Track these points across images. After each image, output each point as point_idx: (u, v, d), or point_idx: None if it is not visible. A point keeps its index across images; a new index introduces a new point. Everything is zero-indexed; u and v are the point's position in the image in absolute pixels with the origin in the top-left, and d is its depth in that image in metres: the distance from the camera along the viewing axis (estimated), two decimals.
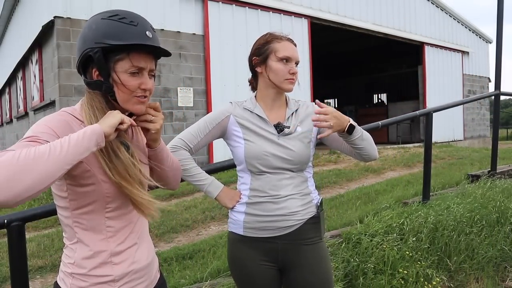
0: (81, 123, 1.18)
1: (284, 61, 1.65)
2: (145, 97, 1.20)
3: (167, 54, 1.23)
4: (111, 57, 1.15)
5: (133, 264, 1.23)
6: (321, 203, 1.75)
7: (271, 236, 1.67)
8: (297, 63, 1.70)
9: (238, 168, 1.74)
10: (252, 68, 1.75)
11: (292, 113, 1.72)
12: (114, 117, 1.11)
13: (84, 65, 1.19)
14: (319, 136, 1.66)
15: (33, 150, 0.94)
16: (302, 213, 1.67)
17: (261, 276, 1.70)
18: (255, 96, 1.75)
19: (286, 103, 1.75)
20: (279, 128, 1.67)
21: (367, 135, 1.70)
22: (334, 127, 1.55)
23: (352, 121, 1.62)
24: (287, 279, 1.71)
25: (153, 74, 1.23)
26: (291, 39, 1.71)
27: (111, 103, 1.21)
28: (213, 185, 1.74)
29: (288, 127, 1.67)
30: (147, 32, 1.17)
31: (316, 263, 1.68)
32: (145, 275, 1.27)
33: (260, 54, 1.70)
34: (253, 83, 1.79)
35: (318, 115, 1.55)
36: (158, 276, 1.37)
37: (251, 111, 1.70)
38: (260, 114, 1.69)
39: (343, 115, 1.61)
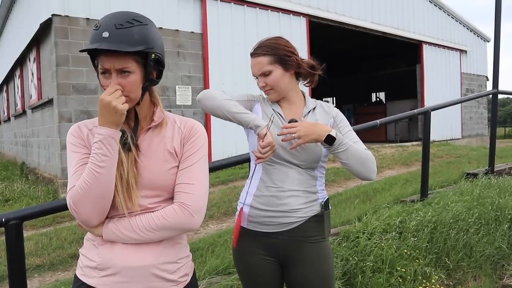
0: (95, 126, 1.29)
1: (256, 78, 1.74)
2: (126, 96, 1.22)
3: (123, 49, 1.19)
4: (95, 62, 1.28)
5: (116, 259, 1.23)
6: (326, 202, 1.75)
7: (273, 231, 1.70)
8: (265, 74, 1.69)
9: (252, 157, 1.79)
10: None
11: (309, 111, 1.75)
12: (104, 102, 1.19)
13: None
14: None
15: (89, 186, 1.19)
16: (304, 211, 1.68)
17: (262, 270, 1.72)
18: None
19: (305, 102, 1.79)
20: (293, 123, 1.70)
21: (360, 155, 1.63)
22: (303, 137, 1.57)
23: (334, 133, 1.59)
24: (288, 275, 1.73)
25: (125, 74, 1.22)
26: (254, 53, 1.72)
27: None
28: (259, 119, 1.62)
29: None
30: (103, 34, 1.19)
31: (317, 261, 1.69)
32: (135, 276, 1.23)
33: None
34: None
35: (283, 129, 1.60)
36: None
37: (270, 106, 1.76)
38: (277, 110, 1.74)
39: (319, 125, 1.60)
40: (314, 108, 1.77)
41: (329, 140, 1.58)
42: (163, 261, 1.28)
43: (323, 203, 1.74)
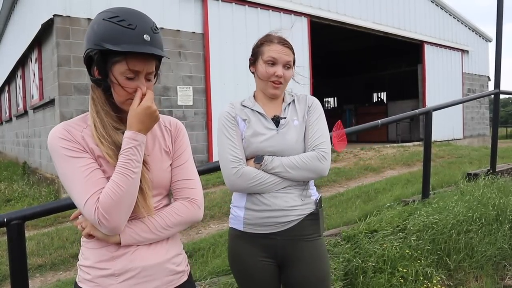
0: (84, 128, 1.25)
1: (270, 63, 1.69)
2: None
3: (166, 56, 1.24)
4: (109, 59, 1.19)
5: (134, 261, 1.23)
6: (319, 200, 1.77)
7: (270, 232, 1.69)
8: (288, 66, 1.71)
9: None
10: (249, 67, 1.82)
11: (289, 103, 1.77)
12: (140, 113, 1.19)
13: (88, 63, 1.24)
14: None
15: (119, 190, 1.16)
16: (301, 209, 1.69)
17: (260, 272, 1.72)
18: (254, 95, 1.81)
19: (283, 98, 1.80)
20: (276, 120, 1.72)
21: (295, 164, 1.64)
22: None
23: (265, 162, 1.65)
24: (286, 275, 1.73)
25: (150, 77, 1.25)
26: (283, 41, 1.72)
27: (110, 98, 1.26)
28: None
29: (284, 118, 1.72)
30: (144, 36, 1.16)
31: (314, 260, 1.70)
32: (154, 274, 1.25)
33: (253, 54, 1.78)
34: None
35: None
36: (179, 280, 1.34)
37: (250, 109, 1.75)
38: (259, 111, 1.74)
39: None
40: (293, 101, 1.79)
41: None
42: (172, 255, 1.32)
43: (317, 201, 1.75)
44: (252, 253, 1.71)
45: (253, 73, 1.81)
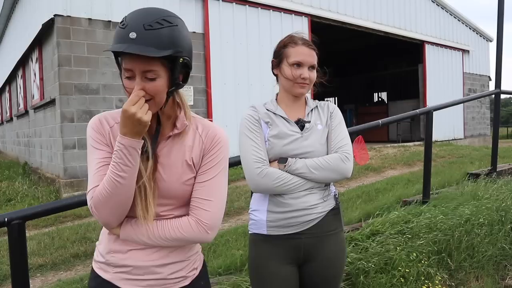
0: (116, 122, 1.26)
1: (295, 66, 1.71)
2: (146, 100, 1.16)
3: (152, 54, 1.11)
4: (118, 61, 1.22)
5: (126, 259, 1.27)
6: (338, 195, 1.80)
7: (294, 232, 1.69)
8: (313, 67, 1.75)
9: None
10: (272, 69, 1.83)
11: (312, 109, 1.79)
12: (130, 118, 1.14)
13: None
14: None
15: (107, 194, 1.17)
16: (322, 206, 1.71)
17: (285, 275, 1.70)
18: (276, 99, 1.82)
19: (306, 102, 1.82)
20: (300, 124, 1.72)
21: (319, 165, 1.66)
22: None
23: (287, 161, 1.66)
24: (305, 271, 1.74)
25: (151, 77, 1.15)
26: (308, 43, 1.76)
27: None
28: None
29: (309, 122, 1.73)
30: (130, 34, 1.11)
31: (336, 255, 1.73)
32: (144, 274, 1.27)
33: (277, 57, 1.79)
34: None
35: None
36: (174, 286, 1.31)
37: (273, 113, 1.75)
38: (282, 115, 1.74)
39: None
40: (316, 107, 1.81)
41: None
42: (171, 261, 1.30)
43: (336, 196, 1.78)
44: (278, 256, 1.69)
45: (275, 75, 1.81)
